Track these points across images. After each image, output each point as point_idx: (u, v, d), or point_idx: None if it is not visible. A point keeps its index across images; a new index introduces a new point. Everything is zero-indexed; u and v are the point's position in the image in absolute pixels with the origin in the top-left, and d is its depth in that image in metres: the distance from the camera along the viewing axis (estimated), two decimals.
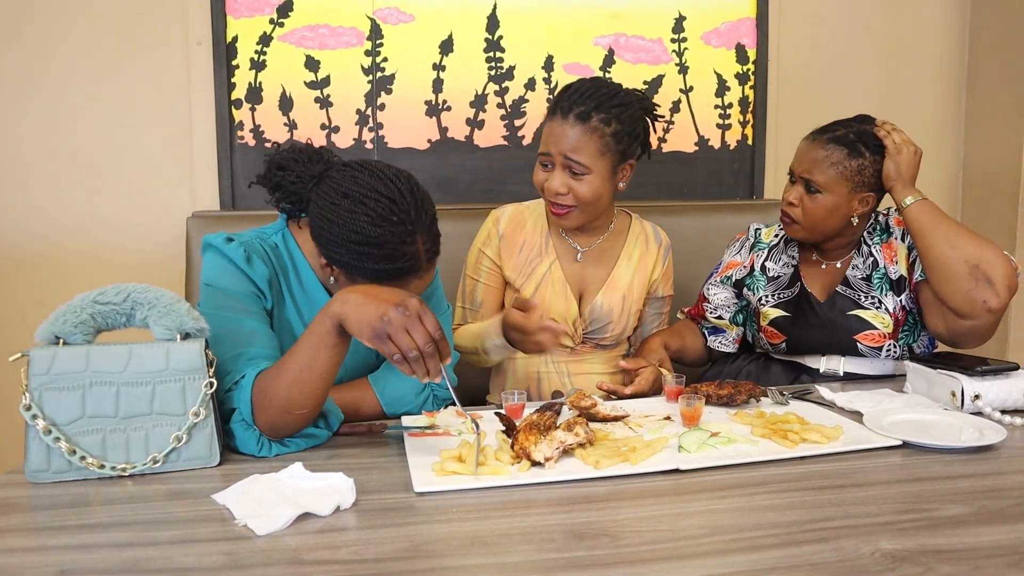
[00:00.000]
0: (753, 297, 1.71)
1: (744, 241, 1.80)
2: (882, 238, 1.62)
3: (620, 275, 1.68)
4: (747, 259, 1.76)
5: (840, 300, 1.59)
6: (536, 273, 1.65)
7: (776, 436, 1.17)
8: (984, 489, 1.00)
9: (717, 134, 2.47)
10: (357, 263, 1.20)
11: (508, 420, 1.17)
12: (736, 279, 1.75)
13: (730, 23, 2.44)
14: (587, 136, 1.50)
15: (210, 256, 1.28)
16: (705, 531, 0.89)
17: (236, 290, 1.25)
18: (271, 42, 2.21)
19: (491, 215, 1.71)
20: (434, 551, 0.85)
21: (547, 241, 1.68)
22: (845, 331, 1.58)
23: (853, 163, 1.54)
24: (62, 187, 2.18)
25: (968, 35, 2.63)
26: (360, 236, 1.18)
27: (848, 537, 0.86)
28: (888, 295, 1.57)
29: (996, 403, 1.29)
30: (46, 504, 0.98)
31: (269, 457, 1.14)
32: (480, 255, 1.69)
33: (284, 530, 0.89)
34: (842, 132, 1.57)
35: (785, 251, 1.72)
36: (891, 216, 1.64)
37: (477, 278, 1.69)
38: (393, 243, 1.18)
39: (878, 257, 1.60)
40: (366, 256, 1.19)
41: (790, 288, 1.66)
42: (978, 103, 2.61)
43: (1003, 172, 2.50)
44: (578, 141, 1.50)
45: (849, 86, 2.57)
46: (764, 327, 1.67)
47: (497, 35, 2.31)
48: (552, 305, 1.64)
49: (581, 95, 1.52)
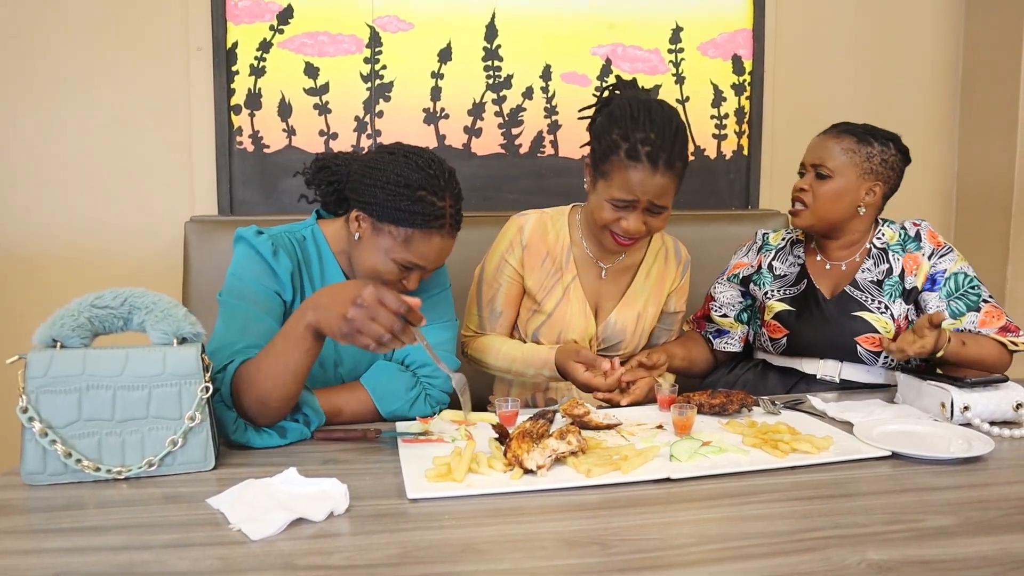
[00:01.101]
0: (759, 291, 1.74)
1: (752, 244, 1.84)
2: (908, 248, 1.65)
3: (636, 291, 1.68)
4: (755, 260, 1.79)
5: (846, 300, 1.63)
6: (556, 289, 1.65)
7: (767, 446, 1.18)
8: (971, 500, 1.01)
9: (713, 144, 2.49)
10: (391, 203, 1.29)
11: (501, 428, 1.17)
12: (743, 276, 1.78)
13: (727, 34, 2.46)
14: (673, 181, 1.50)
15: (240, 248, 1.36)
16: (695, 540, 0.90)
17: (258, 286, 1.33)
18: (271, 48, 2.22)
19: (513, 222, 1.69)
20: (426, 557, 0.86)
21: (568, 255, 1.66)
22: (848, 331, 1.61)
23: (863, 149, 1.62)
24: (61, 191, 2.18)
25: (962, 46, 2.66)
26: (400, 178, 1.29)
27: (836, 547, 0.87)
28: (897, 302, 1.61)
29: (985, 415, 1.30)
30: (41, 506, 0.99)
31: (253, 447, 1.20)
32: (502, 263, 1.66)
33: (278, 535, 0.90)
34: (852, 125, 1.67)
35: (791, 252, 1.75)
36: (924, 229, 1.66)
37: (498, 286, 1.67)
38: (428, 188, 1.29)
39: (896, 265, 1.63)
40: (401, 197, 1.28)
41: (796, 285, 1.69)
42: (972, 114, 2.63)
43: (996, 183, 2.52)
44: (666, 187, 1.49)
45: (844, 97, 2.59)
46: (768, 321, 1.69)
47: (495, 44, 2.33)
48: (571, 323, 1.64)
49: (664, 141, 1.48)
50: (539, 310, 1.65)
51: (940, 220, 2.71)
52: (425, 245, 1.31)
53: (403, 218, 1.29)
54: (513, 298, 1.67)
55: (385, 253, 1.32)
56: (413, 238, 1.30)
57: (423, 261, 1.32)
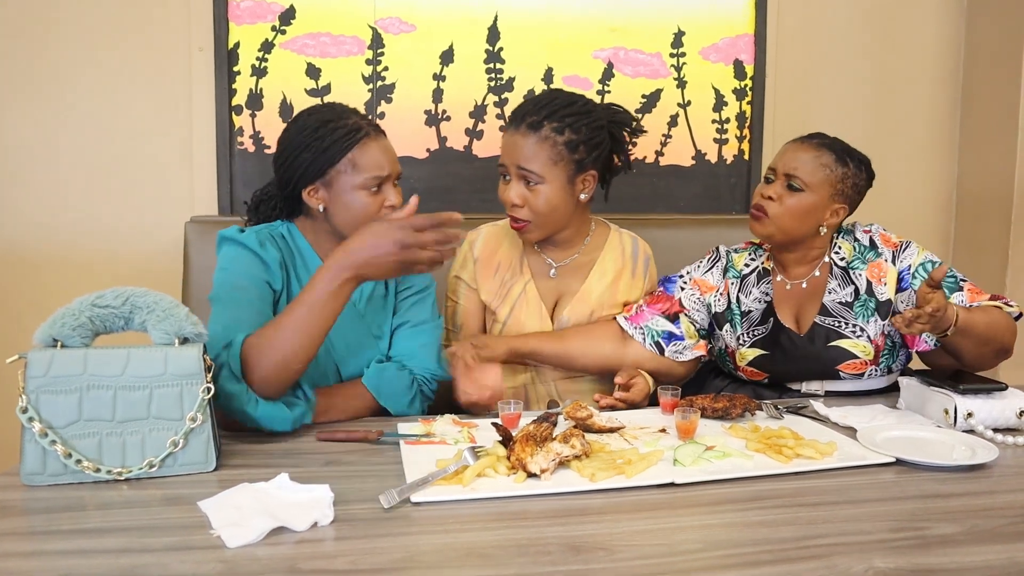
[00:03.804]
0: (731, 336, 1.65)
1: (714, 261, 1.72)
2: (867, 258, 1.60)
3: (590, 289, 1.66)
4: (721, 284, 1.69)
5: (820, 331, 1.56)
6: (512, 294, 1.64)
7: (771, 451, 1.18)
8: (976, 508, 1.00)
9: (714, 148, 2.49)
10: (316, 155, 1.35)
11: (504, 431, 1.17)
12: (716, 311, 1.68)
13: (728, 39, 2.46)
14: (538, 145, 1.51)
15: (226, 248, 1.38)
16: (700, 546, 0.89)
17: (249, 278, 1.35)
18: (273, 49, 2.21)
19: (467, 238, 1.69)
20: (429, 562, 0.85)
21: (522, 259, 1.67)
22: (827, 362, 1.56)
23: (839, 169, 1.57)
24: (62, 191, 2.17)
25: (963, 53, 2.66)
26: (302, 134, 1.37)
27: (841, 555, 0.86)
28: (871, 321, 1.55)
29: (988, 421, 1.30)
30: (41, 508, 0.98)
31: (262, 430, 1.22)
32: (456, 280, 1.69)
33: (281, 538, 0.89)
34: (830, 141, 1.61)
35: (758, 285, 1.65)
36: (875, 234, 1.62)
37: (455, 302, 1.69)
38: (329, 119, 1.37)
39: (860, 284, 1.58)
40: (317, 142, 1.35)
41: (763, 324, 1.61)
42: (972, 121, 2.64)
43: (996, 190, 2.52)
44: (529, 150, 1.51)
45: (845, 102, 2.59)
46: (743, 367, 1.63)
47: (497, 46, 2.33)
48: (526, 324, 1.63)
49: (535, 106, 1.54)
50: (496, 319, 1.65)
51: (939, 226, 2.71)
52: (368, 157, 1.37)
53: (334, 154, 1.35)
54: (472, 311, 1.68)
55: (351, 193, 1.37)
56: (355, 160, 1.36)
57: (380, 170, 1.37)
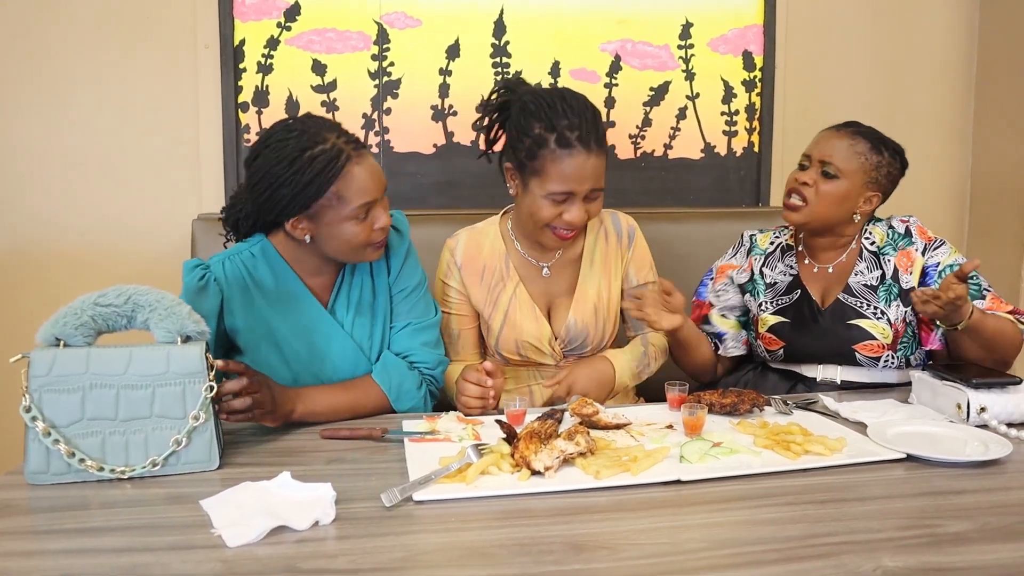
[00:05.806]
0: (754, 303, 1.69)
1: (738, 247, 1.77)
2: (899, 245, 1.61)
3: (585, 283, 1.63)
4: (745, 263, 1.74)
5: (841, 308, 1.58)
6: (502, 299, 1.61)
7: (779, 447, 1.16)
8: (989, 505, 0.98)
9: (723, 141, 2.46)
10: (298, 189, 1.26)
11: (509, 428, 1.16)
12: (739, 283, 1.73)
13: (737, 30, 2.43)
14: (604, 161, 1.48)
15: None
16: (705, 545, 0.88)
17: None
18: (278, 46, 2.21)
19: (446, 246, 1.66)
20: (431, 561, 0.85)
21: (507, 263, 1.63)
22: (845, 340, 1.57)
23: (874, 158, 1.58)
24: (68, 189, 2.18)
25: (976, 43, 2.62)
26: (280, 166, 1.26)
27: (850, 553, 0.85)
28: (893, 305, 1.57)
29: (1002, 416, 1.27)
30: (45, 506, 0.98)
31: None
32: (444, 288, 1.65)
33: (282, 538, 0.88)
34: (865, 129, 1.61)
35: (782, 259, 1.70)
36: (913, 224, 1.63)
37: (449, 310, 1.64)
38: (306, 147, 1.26)
39: (888, 269, 1.59)
40: (298, 176, 1.25)
41: (789, 294, 1.65)
42: (986, 112, 2.59)
43: (1011, 181, 2.48)
44: (601, 168, 1.47)
45: (856, 94, 2.55)
46: (763, 333, 1.66)
47: (504, 40, 2.31)
48: (524, 328, 1.60)
49: (589, 123, 1.46)
50: (490, 324, 1.62)
51: (953, 217, 2.68)
52: (354, 186, 1.29)
53: (317, 188, 1.27)
54: (467, 318, 1.65)
55: (339, 225, 1.30)
56: (340, 192, 1.28)
57: (367, 196, 1.30)
